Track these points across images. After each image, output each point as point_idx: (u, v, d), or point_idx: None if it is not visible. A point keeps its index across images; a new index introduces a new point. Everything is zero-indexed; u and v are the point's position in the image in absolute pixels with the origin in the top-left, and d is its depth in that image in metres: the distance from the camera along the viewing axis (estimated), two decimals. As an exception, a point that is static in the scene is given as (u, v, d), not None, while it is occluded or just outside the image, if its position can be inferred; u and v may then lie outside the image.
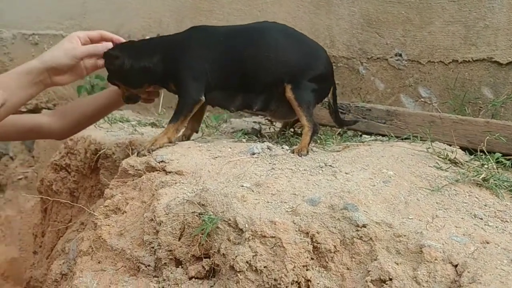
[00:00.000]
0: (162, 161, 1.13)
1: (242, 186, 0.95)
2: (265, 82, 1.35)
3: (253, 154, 1.13)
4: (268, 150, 1.16)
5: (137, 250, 0.99)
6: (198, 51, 1.38)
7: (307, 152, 1.20)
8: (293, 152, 1.20)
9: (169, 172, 1.09)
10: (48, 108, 3.06)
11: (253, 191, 0.92)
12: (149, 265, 0.96)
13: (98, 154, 1.73)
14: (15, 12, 3.13)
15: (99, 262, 1.04)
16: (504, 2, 1.67)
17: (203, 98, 1.30)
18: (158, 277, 0.94)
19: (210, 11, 2.42)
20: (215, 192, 0.92)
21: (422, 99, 1.88)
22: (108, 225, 1.07)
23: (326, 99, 1.49)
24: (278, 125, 2.01)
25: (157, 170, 1.13)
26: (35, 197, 3.11)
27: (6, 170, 3.39)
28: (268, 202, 0.89)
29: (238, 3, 2.34)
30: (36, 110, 3.17)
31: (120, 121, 2.15)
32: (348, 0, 2.02)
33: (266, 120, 2.17)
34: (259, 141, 1.31)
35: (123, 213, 1.09)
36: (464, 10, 1.76)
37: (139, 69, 1.32)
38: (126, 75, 1.33)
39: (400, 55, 1.92)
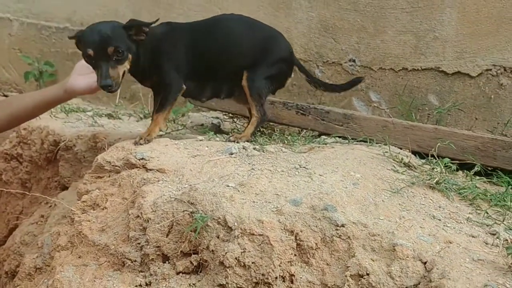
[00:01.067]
0: (142, 158, 1.16)
1: (228, 186, 1.01)
2: (228, 71, 1.45)
3: (231, 154, 1.19)
4: (244, 150, 1.23)
5: (122, 245, 1.02)
6: (174, 45, 1.43)
7: (246, 140, 1.31)
8: (231, 140, 1.31)
9: (150, 170, 1.13)
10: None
11: (238, 191, 0.99)
12: (135, 261, 1.00)
13: (59, 146, 1.70)
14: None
15: (79, 257, 1.06)
16: (453, 16, 1.83)
17: (184, 86, 1.39)
18: (144, 272, 0.99)
19: (170, 5, 2.43)
20: (204, 191, 0.97)
21: (372, 103, 2.02)
22: (89, 221, 1.09)
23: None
24: (239, 122, 2.08)
25: (137, 167, 1.16)
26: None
27: None
28: (254, 202, 0.96)
29: (200, -1, 2.36)
30: None
31: (75, 111, 2.12)
32: (307, 5, 2.11)
33: (224, 115, 2.23)
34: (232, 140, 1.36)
35: (103, 209, 1.11)
36: (416, 21, 1.91)
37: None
38: None
39: (354, 60, 2.05)
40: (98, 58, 1.28)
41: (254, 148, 1.29)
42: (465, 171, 1.37)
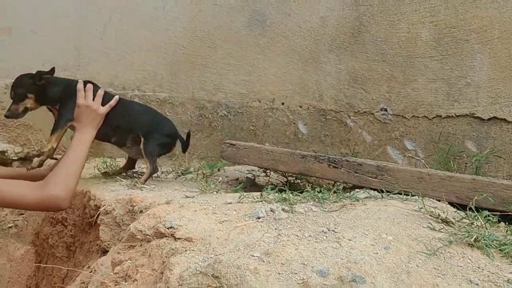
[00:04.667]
0: (171, 227, 1.18)
1: (253, 255, 1.00)
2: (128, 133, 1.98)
3: (258, 218, 1.19)
4: (272, 212, 1.23)
5: (151, 319, 1.03)
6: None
7: (139, 187, 1.88)
8: (134, 186, 1.88)
9: (178, 239, 1.14)
10: (39, 156, 3.07)
11: (263, 261, 0.98)
12: (164, 335, 1.00)
13: (99, 211, 1.76)
14: (8, 63, 3.18)
15: (112, 331, 1.07)
16: (484, 61, 1.80)
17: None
18: None
19: (204, 66, 2.52)
20: (228, 263, 0.97)
21: (408, 152, 1.98)
22: (120, 293, 1.11)
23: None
24: (273, 174, 2.09)
25: (166, 236, 1.18)
26: (26, 246, 3.09)
27: (-5, 218, 3.35)
28: (279, 273, 0.95)
29: (230, 59, 2.44)
30: (27, 158, 3.19)
31: (115, 174, 2.19)
32: (335, 58, 2.13)
33: (258, 170, 2.24)
34: (261, 201, 1.37)
35: (133, 281, 1.13)
36: (446, 68, 1.89)
37: None
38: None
39: (386, 109, 2.03)
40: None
41: (283, 209, 1.28)
42: (506, 223, 1.30)
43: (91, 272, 1.67)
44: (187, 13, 2.54)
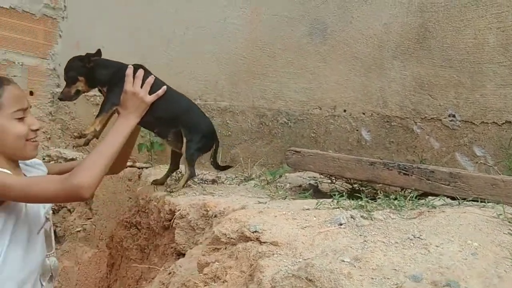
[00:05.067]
0: (255, 231, 1.24)
1: (343, 261, 1.04)
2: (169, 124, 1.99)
3: (340, 224, 1.23)
4: (352, 219, 1.26)
5: (244, 319, 1.08)
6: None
7: (177, 191, 2.00)
8: (169, 191, 2.00)
9: (264, 242, 1.20)
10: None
11: (354, 266, 1.02)
12: (258, 334, 1.05)
13: (175, 215, 1.84)
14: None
15: (205, 329, 1.13)
16: (555, 66, 1.77)
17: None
18: None
19: (264, 75, 2.59)
20: (321, 267, 1.01)
21: (477, 158, 1.96)
22: (212, 294, 1.17)
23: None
24: (337, 182, 2.11)
25: (251, 240, 1.23)
26: (94, 250, 3.24)
27: (64, 222, 3.54)
28: (372, 278, 0.98)
29: (290, 67, 2.49)
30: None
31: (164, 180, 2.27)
32: (400, 64, 2.14)
33: (321, 176, 2.27)
34: (338, 207, 1.40)
35: (223, 282, 1.19)
36: (516, 74, 1.86)
37: None
38: None
39: (454, 115, 2.02)
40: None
41: (362, 216, 1.31)
42: None
43: (170, 274, 1.75)
44: (247, 25, 2.61)
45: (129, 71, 1.82)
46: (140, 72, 1.84)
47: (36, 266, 1.73)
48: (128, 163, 3.14)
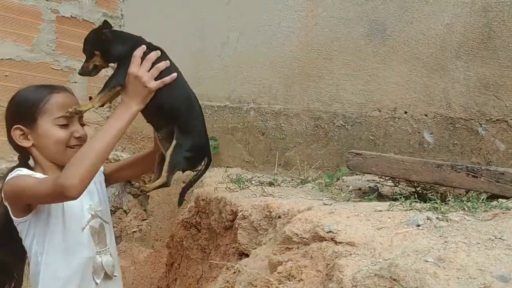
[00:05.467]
0: (330, 231, 1.24)
1: (426, 261, 1.03)
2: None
3: (418, 225, 1.22)
4: (429, 221, 1.25)
5: (324, 317, 1.09)
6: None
7: (147, 192, 1.80)
8: (134, 193, 1.80)
9: (340, 243, 1.20)
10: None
11: (439, 266, 1.01)
12: (340, 332, 1.05)
13: (238, 216, 1.87)
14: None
15: (282, 326, 1.14)
16: None
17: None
18: None
19: (319, 77, 2.58)
20: (405, 267, 1.01)
21: (547, 160, 1.89)
22: (289, 292, 1.19)
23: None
24: (400, 185, 2.08)
25: (326, 240, 1.24)
26: (149, 250, 3.32)
27: (120, 223, 3.64)
28: (458, 278, 0.97)
29: (347, 68, 2.48)
30: (149, 167, 3.41)
31: (242, 181, 2.30)
32: (463, 65, 2.10)
33: (381, 179, 2.25)
34: (411, 209, 1.39)
35: (299, 281, 1.20)
36: None
37: None
38: None
39: (521, 117, 1.96)
40: None
41: (437, 218, 1.29)
42: None
43: (234, 272, 1.77)
44: (302, 27, 2.63)
45: (138, 51, 1.65)
46: (152, 55, 1.66)
47: (81, 264, 1.76)
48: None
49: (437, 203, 1.44)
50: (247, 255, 1.81)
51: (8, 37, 3.11)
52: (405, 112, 2.26)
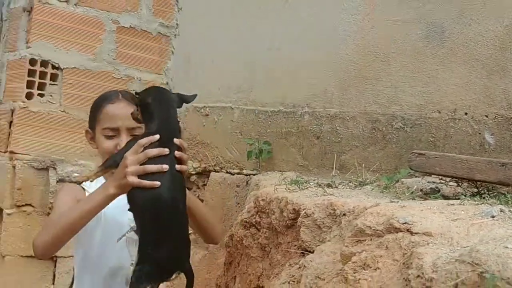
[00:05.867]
0: (405, 223, 1.27)
1: (507, 247, 1.04)
2: None
3: (493, 217, 1.23)
4: (502, 212, 1.25)
5: (404, 303, 1.11)
6: None
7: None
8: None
9: (416, 233, 1.22)
10: (215, 171, 3.39)
11: (521, 252, 1.01)
12: (420, 317, 1.08)
13: (301, 214, 1.91)
14: (188, 89, 3.59)
15: (361, 313, 1.17)
16: None
17: None
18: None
19: (377, 79, 2.61)
20: (486, 252, 1.02)
21: None
22: (365, 279, 1.22)
23: None
24: (464, 185, 2.07)
25: (401, 231, 1.26)
26: (204, 251, 3.39)
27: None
28: (543, 263, 0.98)
29: (406, 70, 2.49)
30: (204, 172, 3.51)
31: (301, 183, 2.35)
32: (526, 64, 2.08)
33: (441, 180, 2.24)
34: (482, 203, 1.40)
35: (375, 270, 1.23)
36: None
37: None
38: None
39: None
40: None
41: (510, 211, 1.30)
42: None
43: (299, 268, 1.81)
44: (359, 30, 2.66)
45: (144, 141, 1.50)
46: (155, 151, 1.49)
47: (108, 272, 1.82)
48: (235, 170, 3.28)
49: (507, 197, 1.44)
50: (310, 252, 1.85)
51: (73, 47, 3.29)
52: (465, 113, 2.25)
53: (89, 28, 3.34)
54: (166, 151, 1.49)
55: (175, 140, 1.53)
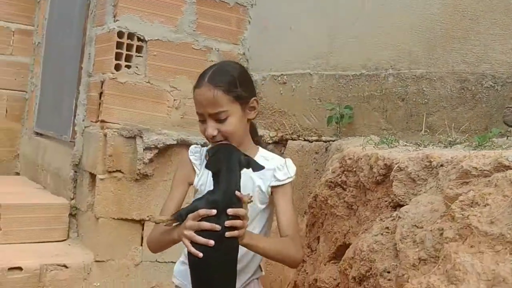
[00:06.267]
0: (514, 160, 1.24)
1: None
2: None
3: None
4: None
5: (519, 235, 1.10)
6: None
7: None
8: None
9: (527, 170, 1.19)
10: (293, 139, 3.42)
11: None
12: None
13: (394, 169, 1.90)
14: (264, 58, 3.64)
15: (471, 246, 1.17)
16: None
17: None
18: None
19: (465, 38, 2.51)
20: None
21: None
22: (475, 215, 1.21)
23: None
24: None
25: (510, 169, 1.24)
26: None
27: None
28: None
29: (496, 28, 2.39)
30: (281, 141, 3.55)
31: (390, 142, 2.32)
32: None
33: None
34: None
35: (484, 206, 1.21)
36: None
37: None
38: None
39: None
40: None
41: None
42: None
43: (393, 219, 1.82)
44: (446, -11, 2.57)
45: (203, 212, 1.59)
46: (207, 226, 1.57)
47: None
48: (313, 138, 3.28)
49: None
50: (402, 206, 1.84)
51: (157, 19, 3.42)
52: None
53: (171, 1, 3.46)
54: (217, 227, 1.57)
55: (229, 210, 1.60)
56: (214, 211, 1.58)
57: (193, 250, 1.57)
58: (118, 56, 3.35)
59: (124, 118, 3.37)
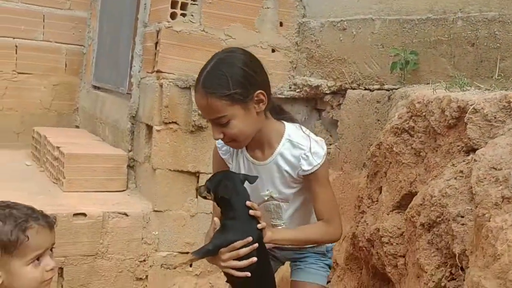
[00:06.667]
0: None
1: None
2: None
3: None
4: None
5: None
6: None
7: None
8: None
9: None
10: (352, 89, 3.28)
11: None
12: None
13: (469, 111, 1.76)
14: (322, 4, 3.48)
15: None
16: None
17: None
18: None
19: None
20: None
21: None
22: None
23: None
24: None
25: None
26: (338, 172, 3.36)
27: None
28: None
29: None
30: (339, 91, 3.42)
31: (461, 85, 2.16)
32: None
33: None
34: None
35: None
36: None
37: None
38: None
39: None
40: None
41: None
42: None
43: (467, 163, 1.70)
44: None
45: (240, 243, 1.70)
46: (244, 243, 1.70)
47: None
48: (375, 86, 3.12)
49: None
50: (476, 150, 1.72)
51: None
52: None
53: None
54: (254, 259, 1.72)
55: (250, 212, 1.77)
56: (250, 239, 1.70)
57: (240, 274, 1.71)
58: (173, 5, 3.30)
59: (179, 68, 3.35)
